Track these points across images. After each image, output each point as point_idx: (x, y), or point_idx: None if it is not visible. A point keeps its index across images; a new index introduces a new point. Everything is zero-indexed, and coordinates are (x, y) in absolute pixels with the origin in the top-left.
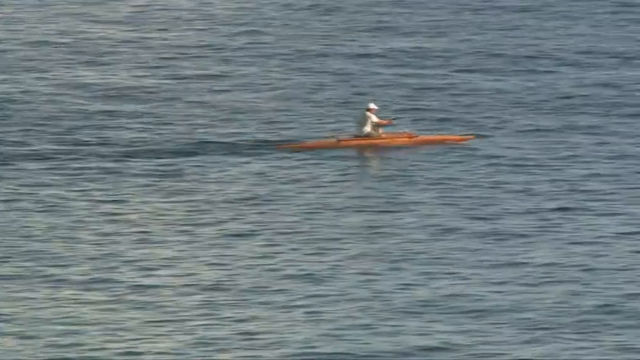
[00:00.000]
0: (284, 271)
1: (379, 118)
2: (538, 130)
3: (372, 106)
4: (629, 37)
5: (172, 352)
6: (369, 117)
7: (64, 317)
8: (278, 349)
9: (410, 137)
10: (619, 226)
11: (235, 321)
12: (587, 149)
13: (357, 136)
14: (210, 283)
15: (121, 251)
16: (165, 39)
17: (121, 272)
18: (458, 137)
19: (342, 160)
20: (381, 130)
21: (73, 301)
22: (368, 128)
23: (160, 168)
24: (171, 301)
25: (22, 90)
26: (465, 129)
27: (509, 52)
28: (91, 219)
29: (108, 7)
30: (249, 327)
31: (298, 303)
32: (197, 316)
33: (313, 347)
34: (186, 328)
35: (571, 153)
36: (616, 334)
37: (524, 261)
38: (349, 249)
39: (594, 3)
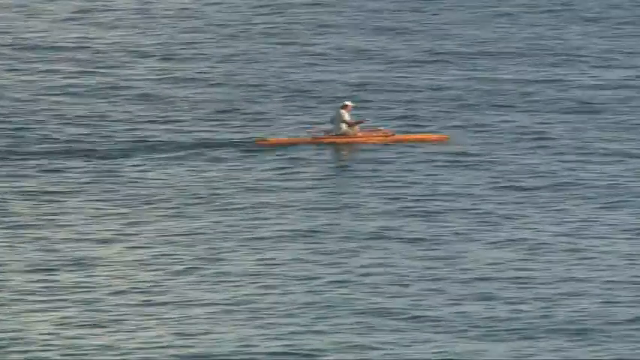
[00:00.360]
0: (222, 270)
1: (351, 116)
2: (477, 126)
3: (348, 103)
4: (568, 35)
5: (112, 351)
6: (342, 115)
7: (2, 319)
8: (216, 347)
9: (386, 136)
10: (557, 225)
11: (174, 321)
12: (527, 146)
13: (330, 133)
14: (148, 282)
15: (60, 251)
16: (106, 37)
17: (59, 272)
18: (434, 136)
19: (284, 160)
20: (357, 128)
21: (11, 301)
22: (343, 126)
23: (100, 167)
24: (110, 300)
25: None
26: (405, 125)
27: (450, 49)
28: (29, 218)
29: (49, 5)
30: (187, 326)
31: (237, 301)
32: (136, 315)
33: (251, 346)
34: (125, 328)
35: (511, 152)
36: (550, 336)
37: (462, 260)
38: (288, 248)
39: (535, 1)
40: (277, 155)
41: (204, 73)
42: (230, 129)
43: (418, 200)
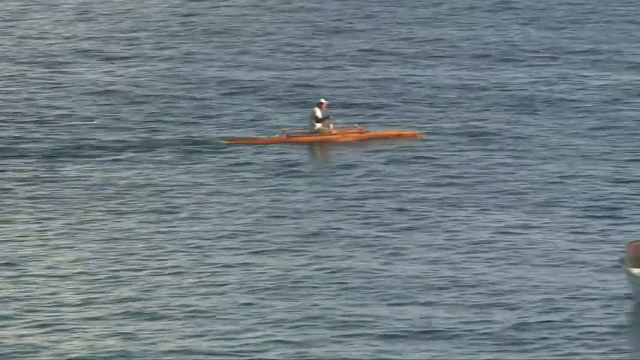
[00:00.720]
0: (161, 269)
1: (323, 114)
2: (418, 124)
3: (322, 101)
4: (507, 35)
5: (49, 351)
6: (314, 112)
7: None
8: (154, 347)
9: (361, 132)
10: (495, 223)
11: (112, 320)
12: (466, 142)
13: (304, 131)
14: (87, 282)
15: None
16: (46, 37)
17: None
18: (408, 132)
19: (227, 160)
20: (331, 126)
21: None
22: (317, 124)
23: (40, 166)
24: (48, 300)
25: None
26: (346, 123)
27: (390, 49)
28: None
29: None
30: (125, 326)
31: (176, 300)
32: (74, 315)
33: (189, 345)
34: (63, 327)
35: (450, 150)
36: (487, 336)
37: (400, 260)
38: (228, 248)
39: (475, 1)
40: (220, 155)
41: (145, 72)
42: (172, 127)
43: (357, 199)
